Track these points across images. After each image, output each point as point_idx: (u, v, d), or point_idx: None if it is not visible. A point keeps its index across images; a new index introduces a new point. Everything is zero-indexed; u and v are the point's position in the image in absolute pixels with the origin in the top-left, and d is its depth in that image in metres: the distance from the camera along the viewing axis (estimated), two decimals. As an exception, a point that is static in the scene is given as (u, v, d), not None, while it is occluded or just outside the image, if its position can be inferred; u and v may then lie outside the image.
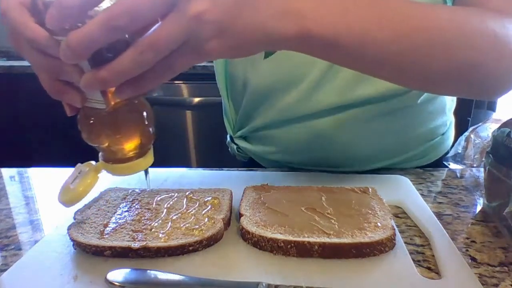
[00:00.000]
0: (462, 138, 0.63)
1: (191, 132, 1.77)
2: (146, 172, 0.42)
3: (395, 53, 0.37)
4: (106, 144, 0.36)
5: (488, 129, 0.60)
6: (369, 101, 0.55)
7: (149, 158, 0.39)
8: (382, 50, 0.37)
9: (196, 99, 1.69)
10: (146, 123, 0.37)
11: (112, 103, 0.33)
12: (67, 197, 0.37)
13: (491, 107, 1.97)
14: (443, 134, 0.66)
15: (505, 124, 0.47)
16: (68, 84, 0.33)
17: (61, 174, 0.64)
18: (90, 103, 0.34)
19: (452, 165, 0.63)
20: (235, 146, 0.72)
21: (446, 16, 0.39)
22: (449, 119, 0.67)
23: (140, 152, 0.38)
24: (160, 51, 0.29)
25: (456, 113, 0.69)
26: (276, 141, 0.63)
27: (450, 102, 0.65)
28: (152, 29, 0.29)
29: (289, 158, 0.64)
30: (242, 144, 0.69)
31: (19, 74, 1.67)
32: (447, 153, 0.67)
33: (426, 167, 0.65)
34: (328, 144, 0.59)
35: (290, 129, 0.60)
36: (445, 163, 0.65)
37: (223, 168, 0.64)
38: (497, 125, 0.50)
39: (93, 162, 0.38)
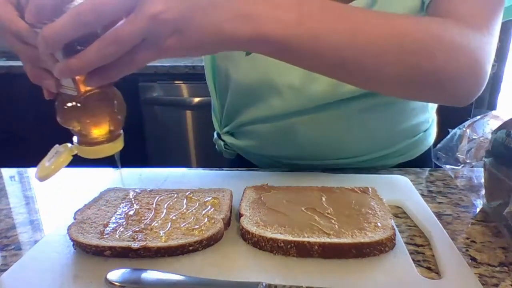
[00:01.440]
0: (456, 132, 0.63)
1: (191, 132, 1.77)
2: (117, 156, 0.45)
3: (349, 58, 0.39)
4: (78, 128, 0.39)
5: (485, 125, 0.59)
6: (354, 97, 0.57)
7: (119, 143, 0.42)
8: (336, 54, 0.38)
9: (196, 99, 1.69)
10: (116, 111, 0.40)
11: (83, 90, 0.37)
12: (42, 173, 0.41)
13: (491, 106, 1.97)
14: (425, 131, 0.67)
15: (505, 124, 0.47)
16: (46, 71, 0.37)
17: (61, 174, 0.64)
18: (64, 89, 0.38)
19: (442, 160, 0.62)
20: (222, 143, 0.72)
21: (402, 24, 0.40)
22: (431, 117, 0.68)
23: (110, 137, 0.41)
24: (122, 46, 0.33)
25: (457, 113, 0.69)
26: (262, 136, 0.65)
27: None
28: (116, 26, 0.32)
29: (275, 152, 0.66)
30: (229, 140, 0.70)
31: (19, 74, 1.67)
32: (429, 150, 0.68)
33: (408, 163, 0.66)
34: (313, 139, 0.61)
35: (276, 124, 0.62)
36: (435, 161, 0.65)
37: (223, 168, 0.64)
38: (496, 121, 0.49)
39: (69, 144, 0.41)
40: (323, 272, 0.37)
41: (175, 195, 0.49)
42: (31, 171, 0.65)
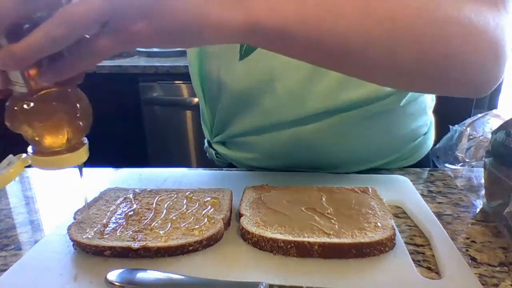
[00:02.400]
0: (456, 131, 0.62)
1: (191, 132, 1.77)
2: (80, 169, 0.39)
3: (356, 46, 0.34)
4: (30, 134, 0.34)
5: (485, 123, 0.59)
6: (353, 106, 0.54)
7: (82, 154, 0.36)
8: (341, 42, 0.34)
9: (196, 99, 1.69)
10: (78, 115, 0.34)
11: (35, 87, 0.32)
12: None
13: (492, 107, 1.97)
14: (424, 134, 0.65)
15: (505, 124, 0.47)
16: None
17: (61, 174, 0.64)
18: (12, 86, 0.32)
19: (441, 159, 0.62)
20: (213, 152, 0.69)
21: (414, 4, 0.35)
22: (429, 119, 0.66)
23: (69, 147, 0.35)
24: (75, 28, 0.27)
25: (457, 113, 0.69)
26: (256, 148, 0.61)
27: (430, 102, 0.64)
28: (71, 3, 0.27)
29: (270, 163, 0.62)
30: (221, 150, 0.66)
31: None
32: (429, 152, 0.67)
33: (410, 167, 0.64)
34: (310, 149, 0.58)
35: (272, 135, 0.58)
36: (434, 161, 0.65)
37: (223, 168, 0.64)
38: (496, 120, 0.49)
39: (24, 154, 0.36)
40: (323, 272, 0.37)
41: (175, 195, 0.49)
42: (31, 171, 0.65)
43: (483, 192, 0.52)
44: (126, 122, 1.74)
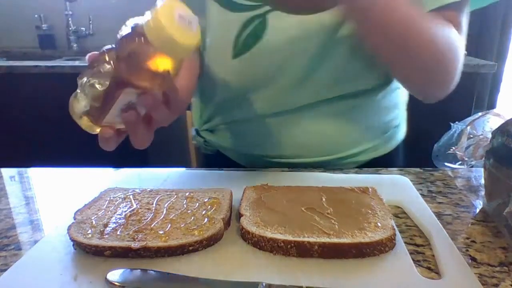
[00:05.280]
0: (456, 130, 0.63)
1: (191, 132, 1.77)
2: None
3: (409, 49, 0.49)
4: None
5: (486, 123, 0.59)
6: (333, 100, 0.61)
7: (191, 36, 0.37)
8: (399, 33, 0.48)
9: (196, 99, 1.69)
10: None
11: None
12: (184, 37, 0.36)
13: (491, 106, 1.97)
14: (396, 126, 0.71)
15: (505, 124, 0.47)
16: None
17: (61, 174, 0.64)
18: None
19: (441, 158, 0.63)
20: (201, 140, 0.73)
21: (439, 31, 0.51)
22: (401, 113, 0.72)
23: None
24: None
25: (457, 114, 0.70)
26: (246, 135, 0.66)
27: (403, 97, 0.71)
28: None
29: (256, 151, 0.67)
30: (209, 137, 0.71)
31: (19, 74, 1.67)
32: (400, 145, 0.72)
33: (380, 158, 0.68)
34: (298, 138, 0.63)
35: (261, 124, 0.63)
36: (434, 161, 0.65)
37: (223, 168, 0.64)
38: (496, 119, 0.49)
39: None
40: (323, 272, 0.37)
41: (175, 195, 0.49)
42: (31, 171, 0.65)
43: (483, 192, 0.52)
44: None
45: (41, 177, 0.64)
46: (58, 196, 0.57)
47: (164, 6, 0.35)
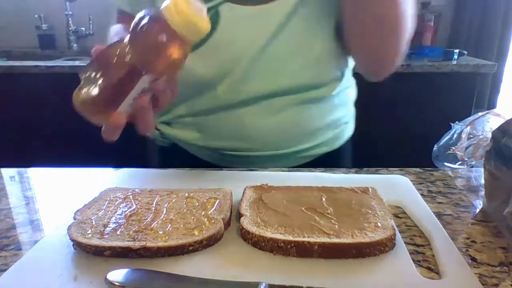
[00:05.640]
0: (456, 130, 0.63)
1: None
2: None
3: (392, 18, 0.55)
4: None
5: (486, 123, 0.59)
6: (289, 91, 0.63)
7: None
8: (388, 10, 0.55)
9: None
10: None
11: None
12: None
13: (491, 106, 1.97)
14: (346, 123, 0.74)
15: (505, 124, 0.47)
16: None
17: (61, 174, 0.64)
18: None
19: (440, 158, 0.63)
20: (157, 132, 0.73)
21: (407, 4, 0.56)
22: (351, 110, 0.76)
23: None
24: None
25: (457, 114, 0.70)
26: (202, 128, 0.67)
27: (352, 95, 0.75)
28: None
29: (213, 144, 0.67)
30: (166, 130, 0.71)
31: (19, 74, 1.67)
32: (348, 142, 0.76)
33: (331, 153, 0.72)
34: (251, 130, 0.65)
35: (217, 117, 0.64)
36: (434, 161, 0.65)
37: (223, 168, 0.64)
38: (497, 119, 0.49)
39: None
40: (323, 272, 0.37)
41: (175, 195, 0.49)
42: (31, 171, 0.65)
43: (483, 192, 0.52)
44: (126, 122, 1.74)
45: (41, 177, 0.64)
46: (58, 196, 0.57)
47: None
